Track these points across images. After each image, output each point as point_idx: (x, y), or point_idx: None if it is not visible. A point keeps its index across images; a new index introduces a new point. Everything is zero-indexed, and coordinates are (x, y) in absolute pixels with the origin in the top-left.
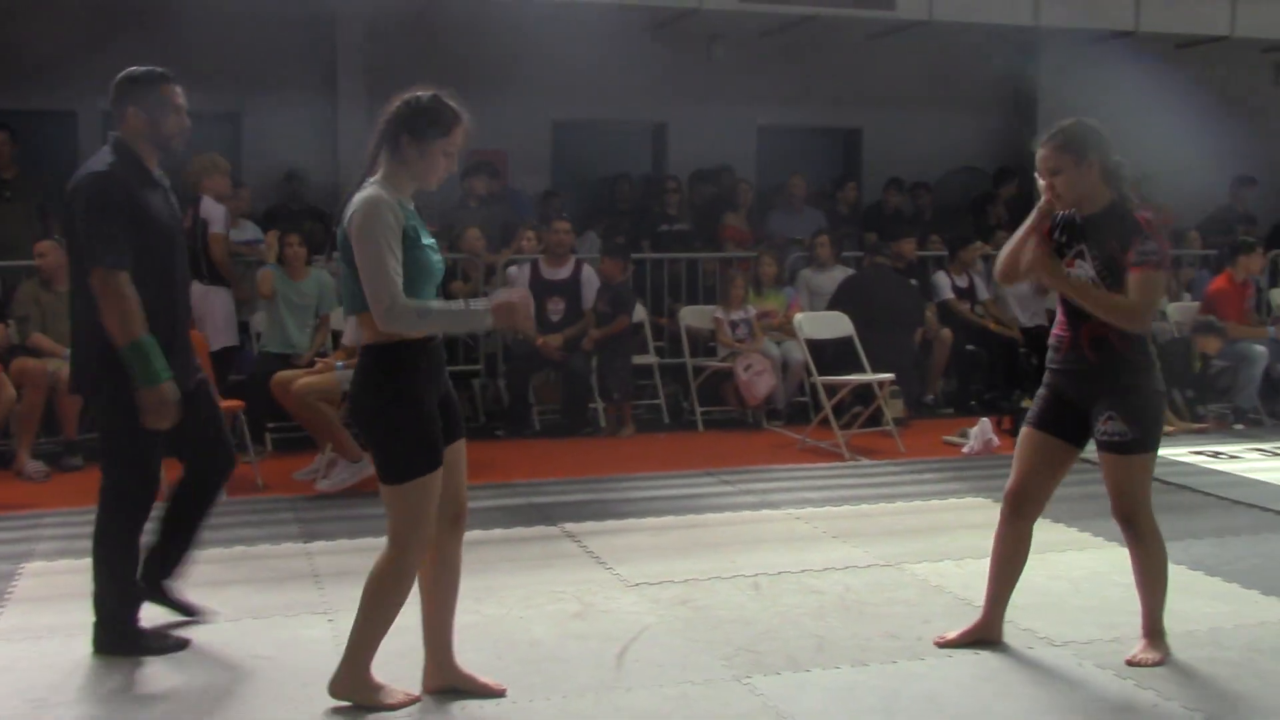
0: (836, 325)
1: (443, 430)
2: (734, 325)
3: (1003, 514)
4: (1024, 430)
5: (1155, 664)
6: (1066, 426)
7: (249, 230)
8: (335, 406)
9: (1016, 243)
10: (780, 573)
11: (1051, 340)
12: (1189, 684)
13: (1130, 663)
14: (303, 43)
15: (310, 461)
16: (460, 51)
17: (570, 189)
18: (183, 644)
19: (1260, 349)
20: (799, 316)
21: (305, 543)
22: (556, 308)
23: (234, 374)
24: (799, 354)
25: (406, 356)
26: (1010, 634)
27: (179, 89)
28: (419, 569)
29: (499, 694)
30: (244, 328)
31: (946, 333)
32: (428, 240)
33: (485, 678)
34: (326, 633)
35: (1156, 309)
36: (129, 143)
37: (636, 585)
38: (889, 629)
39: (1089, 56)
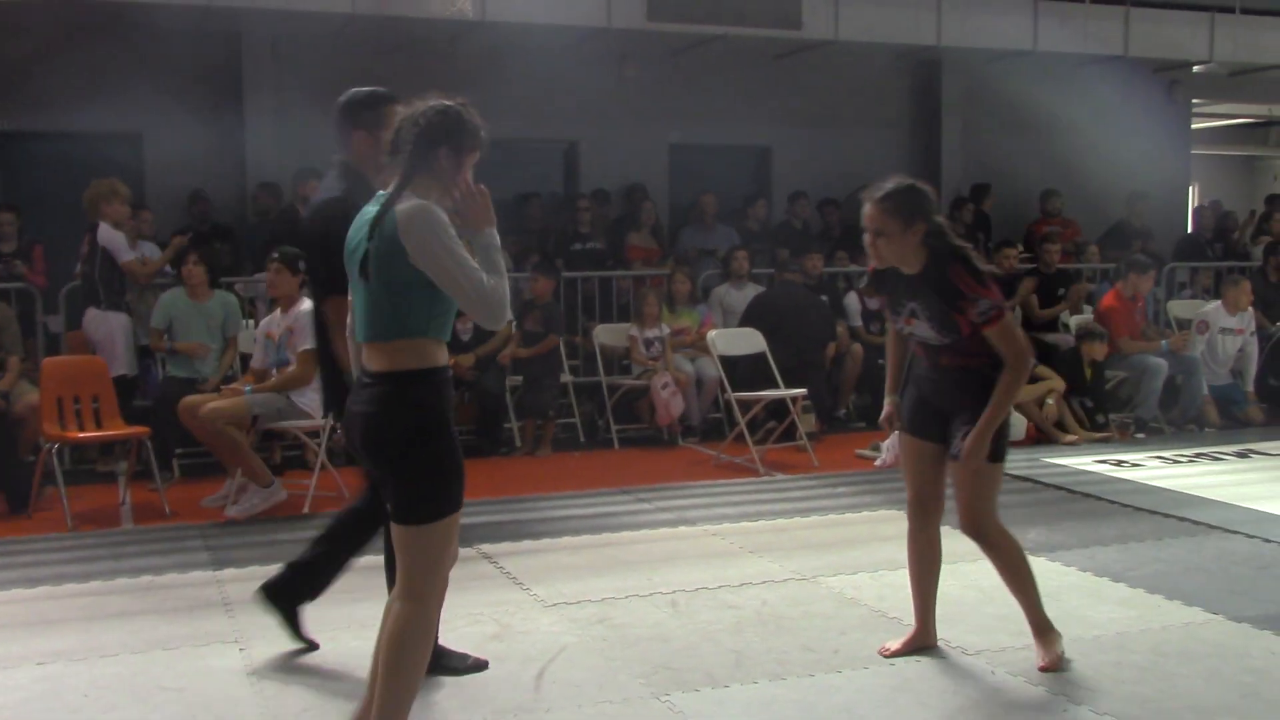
0: (750, 341)
1: None
2: (648, 343)
3: (910, 524)
4: (901, 438)
5: (1057, 660)
6: (933, 429)
7: (149, 252)
8: (245, 431)
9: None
10: (698, 589)
11: (913, 351)
12: (1098, 688)
13: (1043, 669)
14: (207, 62)
15: (219, 487)
16: (374, 71)
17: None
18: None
19: (1160, 361)
20: (713, 333)
21: (215, 570)
22: (466, 326)
23: (139, 399)
24: (713, 371)
25: (434, 383)
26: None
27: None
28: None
29: None
30: (148, 351)
31: (857, 348)
32: None
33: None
34: (238, 662)
35: (1023, 339)
36: (356, 167)
37: (554, 605)
38: (805, 642)
39: (990, 74)
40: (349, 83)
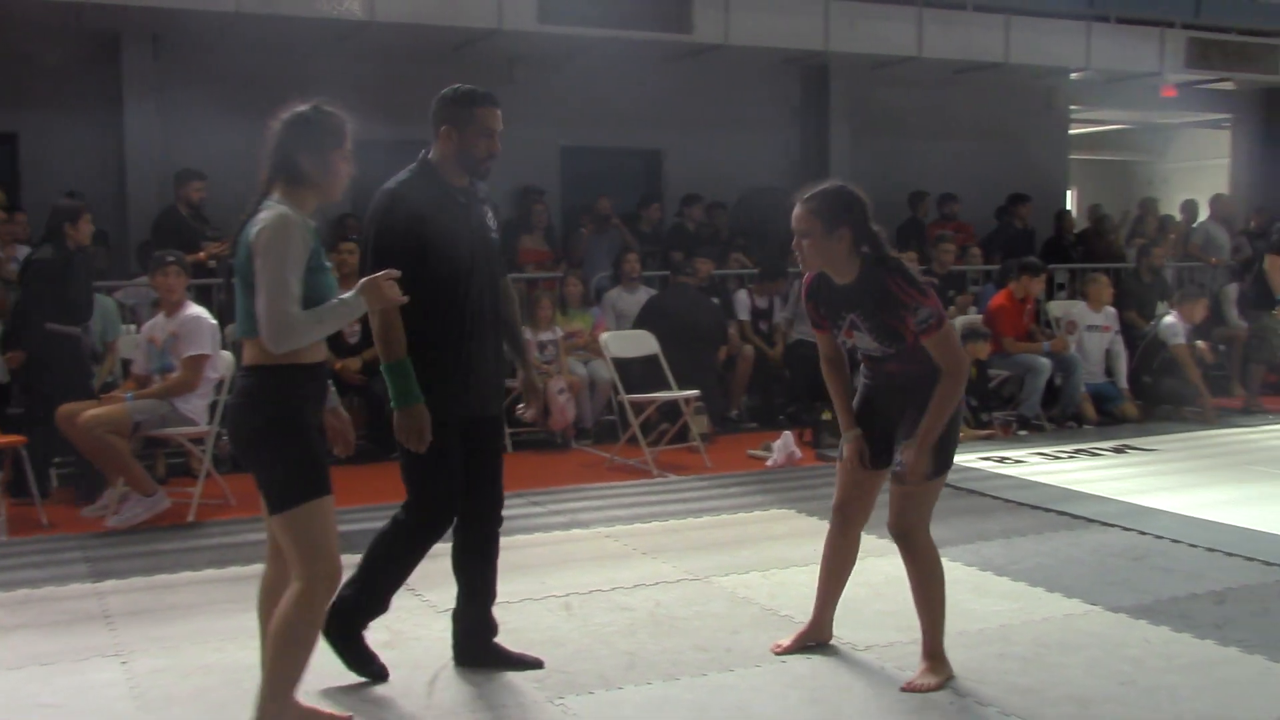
0: (642, 344)
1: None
2: (541, 346)
3: (832, 528)
4: (839, 464)
5: (932, 689)
6: (878, 448)
7: (23, 255)
8: (125, 439)
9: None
10: (591, 591)
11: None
12: (982, 680)
13: (906, 689)
14: (85, 61)
15: (100, 498)
16: (258, 72)
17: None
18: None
19: (1044, 360)
20: (605, 335)
21: (95, 582)
22: (353, 330)
23: (13, 407)
24: (605, 373)
25: (294, 378)
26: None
27: (498, 112)
28: (260, 604)
29: None
30: None
31: (749, 349)
32: (326, 264)
33: (327, 708)
34: (119, 676)
35: (960, 349)
36: (435, 162)
37: (446, 611)
38: (699, 642)
39: (877, 80)
40: (235, 82)
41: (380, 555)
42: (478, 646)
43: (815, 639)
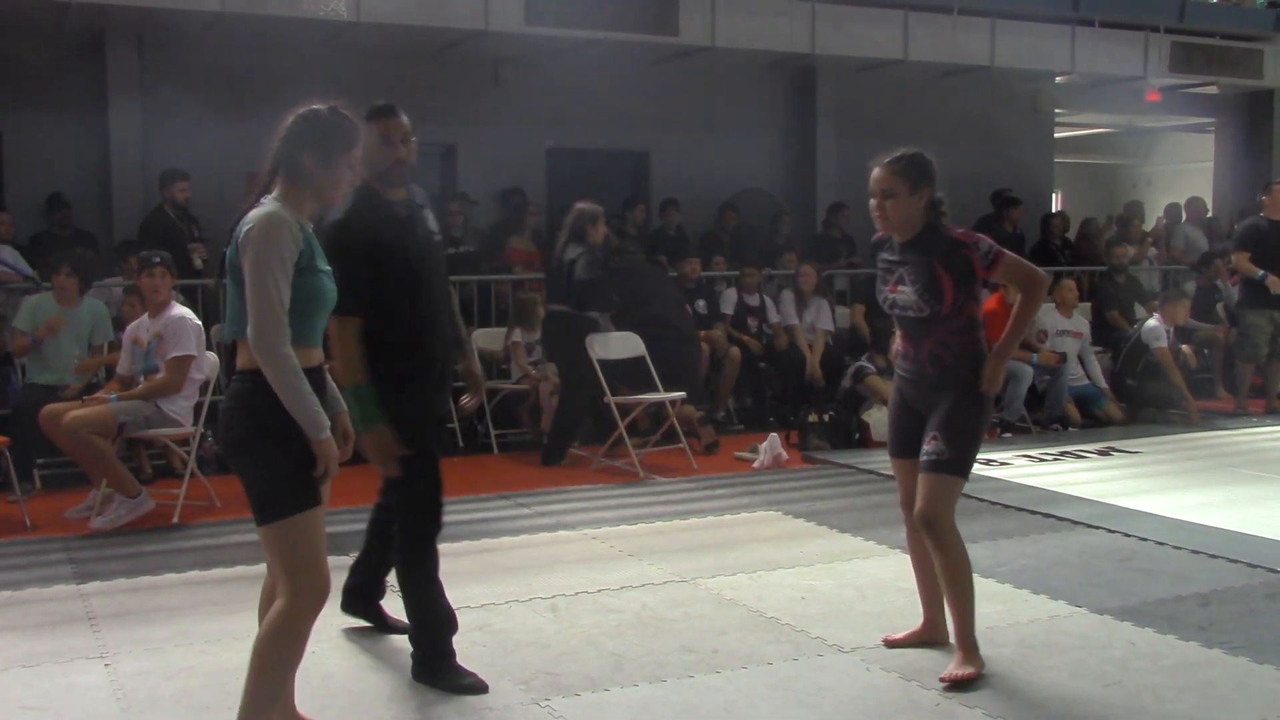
0: (629, 345)
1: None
2: (530, 348)
3: (907, 523)
4: (892, 461)
5: (969, 679)
6: (914, 445)
7: (7, 255)
8: (110, 440)
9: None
10: (577, 593)
11: (897, 351)
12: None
13: (943, 679)
14: (69, 60)
15: (83, 498)
16: (243, 72)
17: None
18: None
19: (1027, 367)
20: (591, 337)
21: (79, 584)
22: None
23: None
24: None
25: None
26: (801, 642)
27: (397, 120)
28: (261, 610)
29: None
30: (7, 359)
31: (735, 351)
32: (324, 266)
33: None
34: (103, 678)
35: (1031, 265)
36: (369, 182)
37: None
38: (685, 643)
39: (863, 83)
40: (219, 82)
41: (411, 583)
42: (361, 601)
43: (930, 638)
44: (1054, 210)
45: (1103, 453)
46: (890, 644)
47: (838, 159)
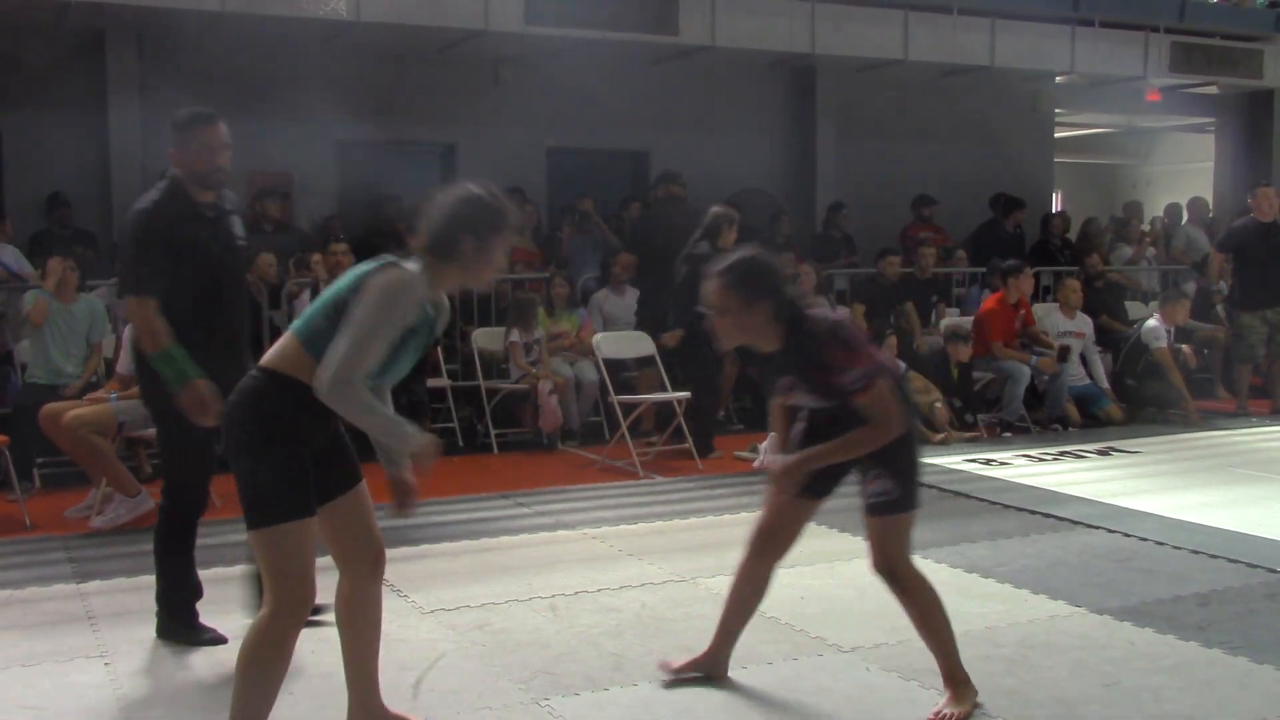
0: (637, 345)
1: (339, 475)
2: (528, 348)
3: (749, 552)
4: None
5: (962, 716)
6: (818, 474)
7: (8, 256)
8: (110, 439)
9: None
10: (577, 593)
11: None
12: None
13: (935, 716)
14: (69, 59)
15: (83, 497)
16: (243, 72)
17: (357, 211)
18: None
19: (1023, 367)
20: (598, 336)
21: (79, 583)
22: None
23: None
24: (592, 374)
25: (305, 398)
26: (801, 641)
27: (216, 129)
28: (338, 615)
29: None
30: (8, 357)
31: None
32: (417, 338)
33: (414, 716)
34: (103, 677)
35: (896, 406)
36: (181, 180)
37: (432, 612)
38: (685, 643)
39: (863, 83)
40: (220, 81)
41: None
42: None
43: (709, 669)
44: (1054, 210)
45: (1103, 453)
46: (670, 670)
47: (838, 159)
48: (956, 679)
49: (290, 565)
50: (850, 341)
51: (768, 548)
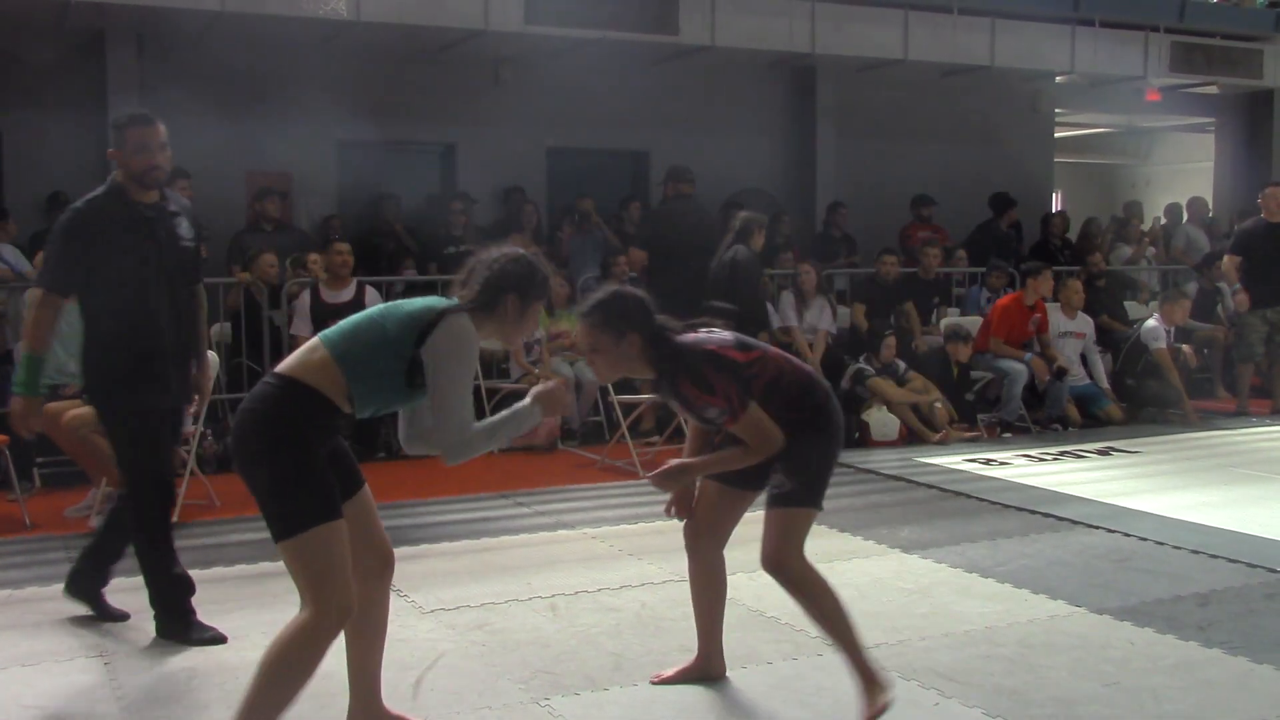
0: None
1: (342, 480)
2: (528, 347)
3: (687, 551)
4: (707, 483)
5: (879, 713)
6: (746, 471)
7: (9, 255)
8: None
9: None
10: (577, 592)
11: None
12: (968, 680)
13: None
14: (69, 59)
15: (84, 497)
16: (243, 71)
17: (357, 210)
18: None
19: (1020, 367)
20: None
21: None
22: None
23: None
24: (592, 374)
25: (323, 408)
26: (801, 641)
27: (152, 129)
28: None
29: None
30: (8, 357)
31: None
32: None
33: (414, 716)
34: (102, 678)
35: (769, 430)
36: (121, 181)
37: (432, 612)
38: (685, 643)
39: (863, 82)
40: (219, 81)
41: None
42: (87, 585)
43: (703, 675)
44: (1054, 210)
45: (1103, 453)
46: (659, 682)
47: (838, 159)
48: (868, 674)
49: (329, 569)
50: (720, 373)
51: (701, 543)
